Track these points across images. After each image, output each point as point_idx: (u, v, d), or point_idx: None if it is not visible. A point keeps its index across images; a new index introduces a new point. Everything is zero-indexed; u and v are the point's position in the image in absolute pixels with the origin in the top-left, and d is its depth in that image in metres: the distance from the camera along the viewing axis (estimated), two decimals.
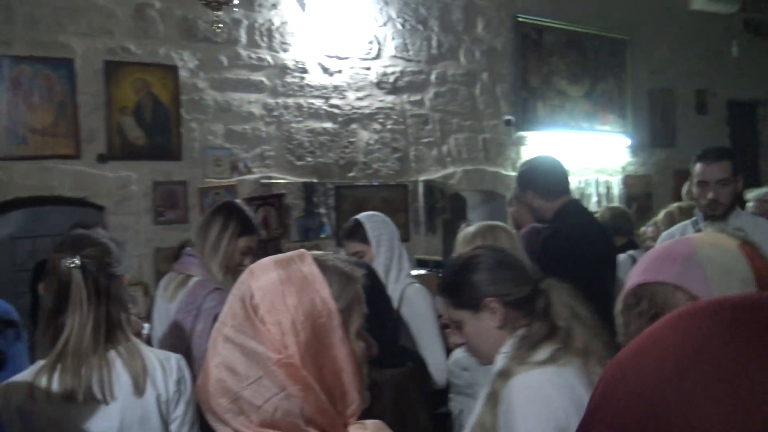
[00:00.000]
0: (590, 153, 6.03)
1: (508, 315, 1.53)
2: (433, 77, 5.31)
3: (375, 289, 2.08)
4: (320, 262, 1.00)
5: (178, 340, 2.26)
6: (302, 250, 1.03)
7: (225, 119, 4.52)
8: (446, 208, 5.22)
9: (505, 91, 5.64)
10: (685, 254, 1.06)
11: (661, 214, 4.34)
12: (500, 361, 1.49)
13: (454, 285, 1.61)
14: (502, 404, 1.40)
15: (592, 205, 5.89)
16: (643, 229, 4.35)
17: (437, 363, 2.28)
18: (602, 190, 6.05)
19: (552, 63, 5.81)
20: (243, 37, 4.58)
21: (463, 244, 2.33)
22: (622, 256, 4.07)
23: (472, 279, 1.56)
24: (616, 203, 6.05)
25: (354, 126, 4.96)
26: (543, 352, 1.43)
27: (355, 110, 4.96)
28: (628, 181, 6.25)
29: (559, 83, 5.84)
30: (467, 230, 2.42)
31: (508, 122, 5.60)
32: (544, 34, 5.76)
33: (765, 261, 1.08)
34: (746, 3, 6.78)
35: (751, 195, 4.76)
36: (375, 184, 4.99)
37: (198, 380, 0.98)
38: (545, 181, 2.86)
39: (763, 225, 2.58)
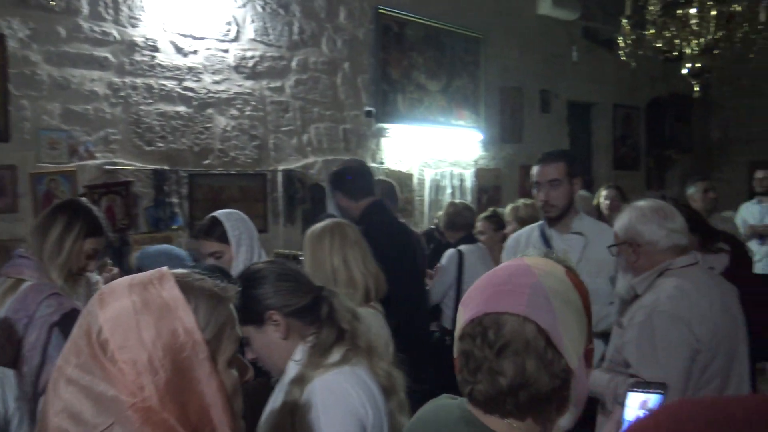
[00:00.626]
0: (446, 146, 6.23)
1: (291, 325, 1.58)
2: (294, 64, 5.18)
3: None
4: (184, 284, 0.88)
5: (3, 351, 1.99)
6: (163, 270, 0.90)
7: (63, 98, 4.08)
8: (306, 198, 5.13)
9: (366, 82, 5.65)
10: (531, 285, 1.04)
11: (508, 208, 4.60)
12: (293, 368, 1.54)
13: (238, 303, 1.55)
14: (303, 408, 1.46)
15: (447, 196, 6.10)
16: (478, 222, 4.56)
17: None
18: (456, 182, 6.28)
19: (412, 57, 5.90)
20: (85, 7, 4.15)
21: (311, 242, 2.29)
22: (464, 248, 4.26)
23: (253, 294, 1.58)
24: (468, 195, 6.32)
25: (210, 111, 4.71)
26: (335, 355, 1.54)
27: (211, 94, 4.71)
28: (480, 174, 6.54)
29: (418, 77, 5.95)
30: (315, 227, 2.36)
31: (368, 113, 5.61)
32: (405, 27, 5.83)
33: (583, 285, 1.12)
34: (586, 11, 7.34)
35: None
36: (232, 172, 4.79)
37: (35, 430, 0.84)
38: (352, 183, 3.17)
39: (605, 230, 2.65)
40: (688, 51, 4.29)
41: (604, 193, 5.16)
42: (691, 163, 9.06)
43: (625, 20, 4.45)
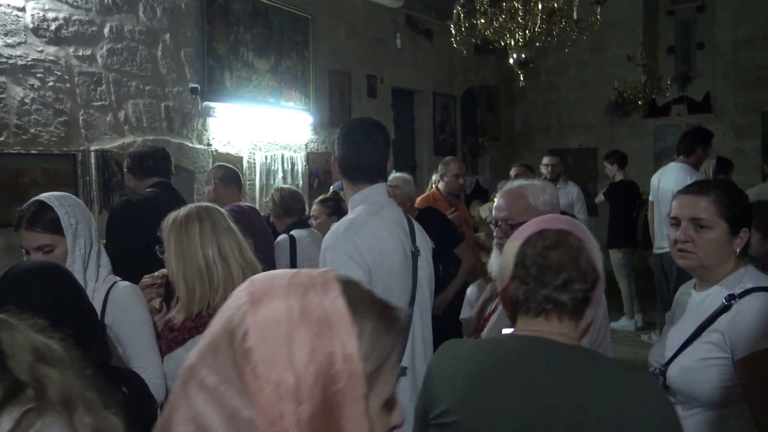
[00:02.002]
0: (276, 129, 5.98)
1: None
2: (106, 31, 4.58)
3: (76, 299, 1.62)
4: (351, 296, 0.70)
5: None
6: (329, 271, 0.72)
7: None
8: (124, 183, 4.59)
9: (190, 57, 5.19)
10: (566, 220, 1.44)
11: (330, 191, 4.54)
12: None
13: None
14: None
15: (279, 180, 5.87)
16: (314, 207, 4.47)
17: (154, 377, 1.90)
18: (287, 166, 6.06)
19: (239, 32, 5.55)
20: None
21: (174, 232, 1.97)
22: (295, 233, 4.12)
23: None
24: (300, 179, 6.15)
25: (3, 79, 3.98)
26: (5, 422, 1.05)
27: (4, 60, 3.98)
28: (311, 157, 6.39)
29: (246, 54, 5.61)
30: (176, 214, 2.02)
31: (193, 90, 5.18)
32: (230, 0, 5.46)
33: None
34: (408, 0, 7.49)
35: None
36: (33, 152, 4.11)
37: None
38: (139, 162, 3.65)
39: None
40: (512, 42, 4.51)
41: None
42: (499, 150, 9.76)
43: (458, 8, 4.56)
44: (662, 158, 8.76)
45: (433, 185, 4.93)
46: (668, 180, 5.17)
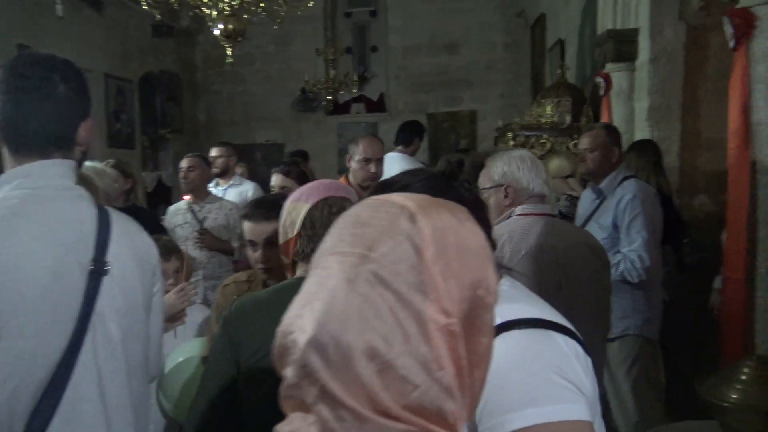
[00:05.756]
0: None
1: None
2: None
3: None
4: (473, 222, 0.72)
5: None
6: (458, 205, 0.74)
7: None
8: None
9: None
10: None
11: None
12: None
13: None
14: None
15: None
16: None
17: None
18: None
19: None
20: None
21: None
22: None
23: None
24: None
25: None
26: None
27: None
28: None
29: None
30: None
31: None
32: None
33: None
34: None
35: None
36: None
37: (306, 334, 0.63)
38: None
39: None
40: (215, 14, 3.99)
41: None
42: (183, 143, 8.99)
43: None
44: (345, 154, 9.10)
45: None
46: (393, 168, 5.22)
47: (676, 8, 4.09)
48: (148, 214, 4.01)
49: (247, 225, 2.06)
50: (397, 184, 1.15)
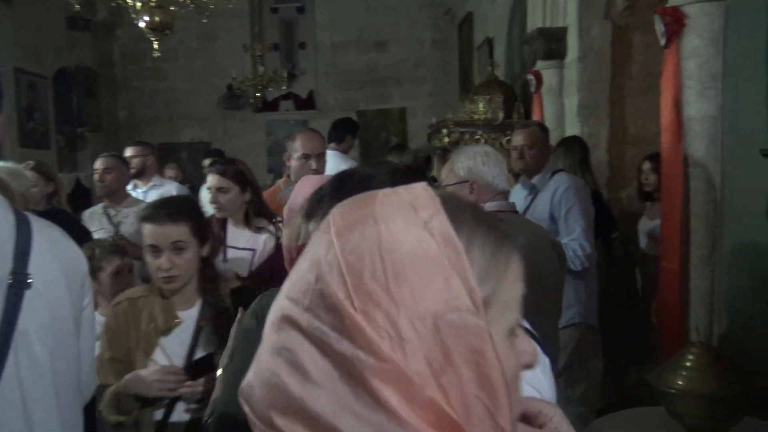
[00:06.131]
0: None
1: None
2: None
3: None
4: (452, 211, 0.54)
5: None
6: (421, 186, 0.57)
7: None
8: None
9: None
10: None
11: None
12: None
13: None
14: None
15: None
16: None
17: None
18: None
19: None
20: None
21: None
22: None
23: None
24: None
25: None
26: None
27: None
28: None
29: None
30: None
31: None
32: None
33: None
34: None
35: None
36: None
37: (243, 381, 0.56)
38: None
39: None
40: (138, 5, 3.79)
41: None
42: (102, 143, 8.55)
43: None
44: (274, 152, 8.93)
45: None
46: (328, 166, 5.12)
47: (602, 8, 4.21)
48: (72, 219, 3.75)
49: (148, 228, 1.81)
50: (357, 176, 1.07)
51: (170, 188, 4.99)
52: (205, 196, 3.92)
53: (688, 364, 1.92)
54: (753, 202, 2.29)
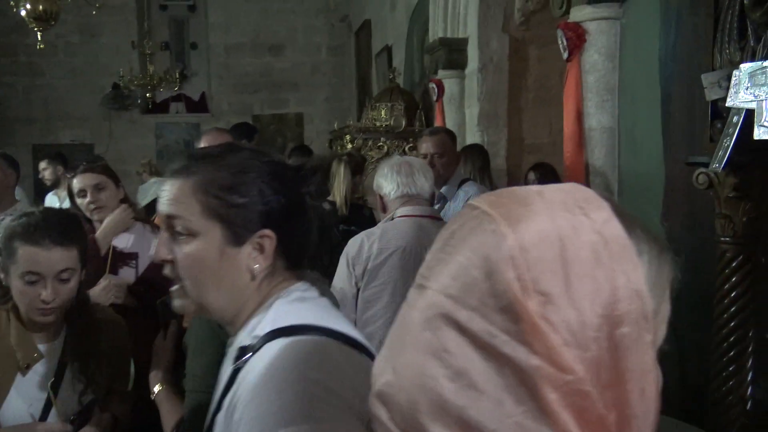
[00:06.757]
0: None
1: None
2: None
3: None
4: (623, 217, 0.51)
5: None
6: (584, 189, 0.53)
7: None
8: None
9: None
10: None
11: None
12: None
13: None
14: None
15: None
16: None
17: None
18: None
19: None
20: None
21: None
22: None
23: None
24: None
25: None
26: None
27: None
28: None
29: None
30: None
31: None
32: None
33: None
34: None
35: None
36: None
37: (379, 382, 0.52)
38: None
39: None
40: None
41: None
42: None
43: None
44: (164, 156, 8.52)
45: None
46: None
47: (500, 21, 4.37)
48: None
49: (27, 251, 1.43)
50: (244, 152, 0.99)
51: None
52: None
53: None
54: (648, 207, 2.44)
